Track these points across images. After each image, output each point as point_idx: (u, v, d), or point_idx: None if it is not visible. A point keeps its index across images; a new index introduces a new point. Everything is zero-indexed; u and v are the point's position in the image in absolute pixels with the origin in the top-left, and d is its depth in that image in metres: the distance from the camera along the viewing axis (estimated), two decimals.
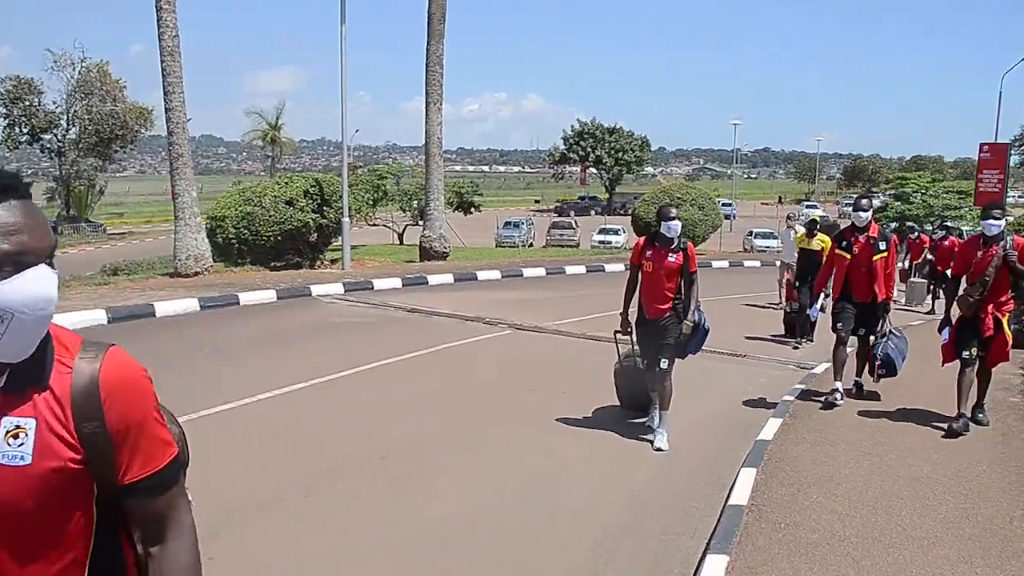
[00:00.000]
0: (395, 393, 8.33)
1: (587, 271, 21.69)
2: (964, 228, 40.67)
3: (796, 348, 11.46)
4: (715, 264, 24.64)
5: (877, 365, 7.77)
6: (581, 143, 76.56)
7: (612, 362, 7.57)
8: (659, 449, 6.47)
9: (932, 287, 17.57)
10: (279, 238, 18.27)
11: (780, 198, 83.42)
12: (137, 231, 49.61)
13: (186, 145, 17.28)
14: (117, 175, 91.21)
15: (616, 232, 36.84)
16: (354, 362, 9.33)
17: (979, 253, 6.79)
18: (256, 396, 7.78)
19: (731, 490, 5.45)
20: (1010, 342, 7.02)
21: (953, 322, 7.04)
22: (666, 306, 6.50)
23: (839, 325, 7.75)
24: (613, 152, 75.94)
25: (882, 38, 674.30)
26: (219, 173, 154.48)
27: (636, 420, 7.22)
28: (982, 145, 32.77)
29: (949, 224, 26.12)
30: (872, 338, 7.85)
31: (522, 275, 19.65)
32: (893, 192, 49.98)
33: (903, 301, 16.82)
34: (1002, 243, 6.69)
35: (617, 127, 78.02)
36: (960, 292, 6.97)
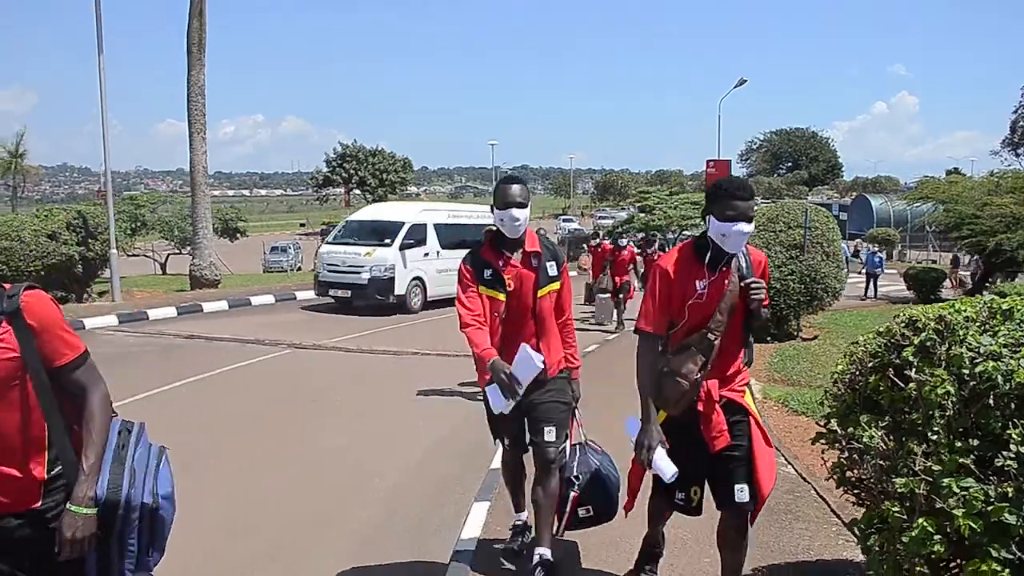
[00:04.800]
0: (188, 414, 9.15)
1: None
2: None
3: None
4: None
5: (573, 498, 4.34)
6: (344, 165, 77.10)
7: (380, 370, 8.65)
8: None
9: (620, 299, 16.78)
10: (42, 273, 17.93)
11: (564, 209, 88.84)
12: None
13: None
14: None
15: None
16: (139, 389, 9.87)
17: (700, 284, 3.61)
18: None
19: (492, 459, 6.80)
20: (770, 441, 3.72)
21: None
22: (19, 476, 2.52)
23: (502, 435, 4.56)
24: (377, 173, 77.10)
25: (623, 62, 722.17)
26: None
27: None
28: (708, 161, 37.11)
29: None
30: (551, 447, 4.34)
31: (295, 297, 20.43)
32: (639, 205, 54.54)
33: (592, 321, 16.98)
34: (734, 263, 3.67)
35: (379, 149, 79.32)
36: (664, 367, 3.65)
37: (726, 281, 3.61)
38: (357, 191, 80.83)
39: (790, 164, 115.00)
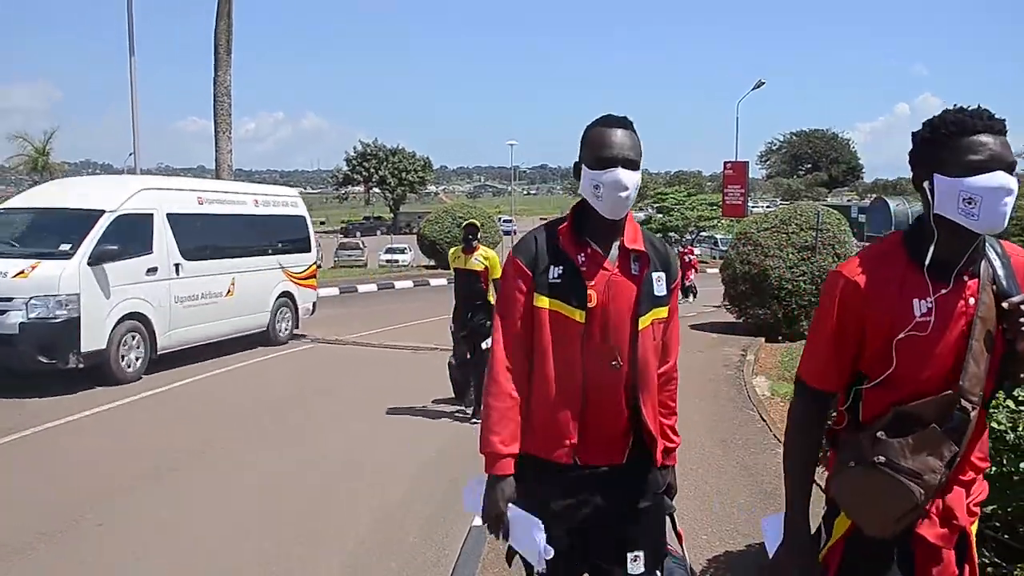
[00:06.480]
0: (219, 400, 9.59)
1: (378, 288, 23.20)
2: (718, 236, 45.50)
3: (474, 424, 7.55)
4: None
5: None
6: (365, 164, 77.70)
7: (400, 367, 8.88)
8: None
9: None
10: None
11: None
12: None
13: None
14: None
15: (403, 251, 38.20)
16: (174, 379, 10.42)
17: (922, 305, 1.90)
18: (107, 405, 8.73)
19: None
20: None
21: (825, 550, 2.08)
22: None
23: (542, 570, 2.35)
24: (397, 172, 77.65)
25: (641, 61, 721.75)
26: None
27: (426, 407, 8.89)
28: (726, 163, 36.91)
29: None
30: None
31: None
32: (657, 206, 54.63)
33: None
34: (983, 269, 1.97)
35: (399, 148, 79.89)
36: (879, 457, 1.89)
37: (971, 299, 1.94)
38: (377, 189, 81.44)
39: (809, 166, 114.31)
